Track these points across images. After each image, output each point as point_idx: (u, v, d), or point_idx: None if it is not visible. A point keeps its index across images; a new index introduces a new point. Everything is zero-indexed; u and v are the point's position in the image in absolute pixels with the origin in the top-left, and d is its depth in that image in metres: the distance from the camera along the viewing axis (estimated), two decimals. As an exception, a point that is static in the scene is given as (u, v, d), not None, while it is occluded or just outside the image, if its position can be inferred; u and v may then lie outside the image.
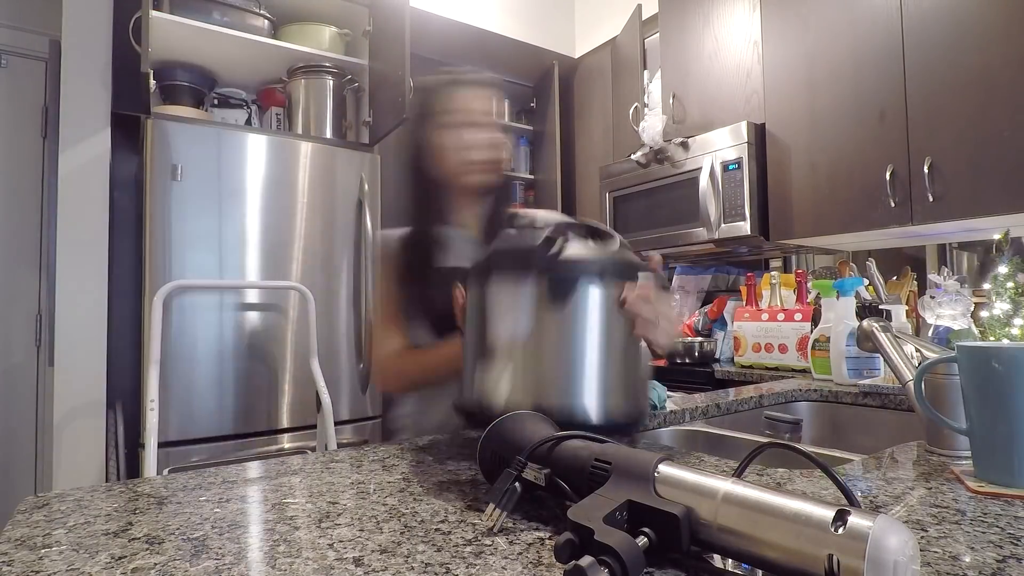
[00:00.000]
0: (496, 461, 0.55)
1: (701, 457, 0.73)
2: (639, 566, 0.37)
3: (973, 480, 0.60)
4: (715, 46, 2.27)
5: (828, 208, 1.88)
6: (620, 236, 0.74)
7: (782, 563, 0.37)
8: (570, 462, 0.49)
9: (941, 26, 1.62)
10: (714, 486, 0.41)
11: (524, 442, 0.53)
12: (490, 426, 0.56)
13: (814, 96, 1.93)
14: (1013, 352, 0.56)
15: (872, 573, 0.32)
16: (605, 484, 0.44)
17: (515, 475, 0.50)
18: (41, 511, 0.56)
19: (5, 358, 2.35)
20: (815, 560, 0.34)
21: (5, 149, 2.38)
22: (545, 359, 0.66)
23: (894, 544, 0.33)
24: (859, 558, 0.33)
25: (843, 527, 0.34)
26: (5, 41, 2.39)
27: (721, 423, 1.17)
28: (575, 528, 0.40)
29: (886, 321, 0.91)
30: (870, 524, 0.34)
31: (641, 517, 0.41)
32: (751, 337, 1.94)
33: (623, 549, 0.37)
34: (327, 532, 0.49)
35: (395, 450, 0.79)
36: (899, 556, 0.32)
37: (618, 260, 0.69)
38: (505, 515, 0.49)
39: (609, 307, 0.67)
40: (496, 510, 0.49)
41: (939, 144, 1.62)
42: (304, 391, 2.03)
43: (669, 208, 2.29)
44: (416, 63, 2.82)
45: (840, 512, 0.35)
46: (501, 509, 0.48)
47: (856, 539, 0.33)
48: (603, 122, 2.94)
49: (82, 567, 0.43)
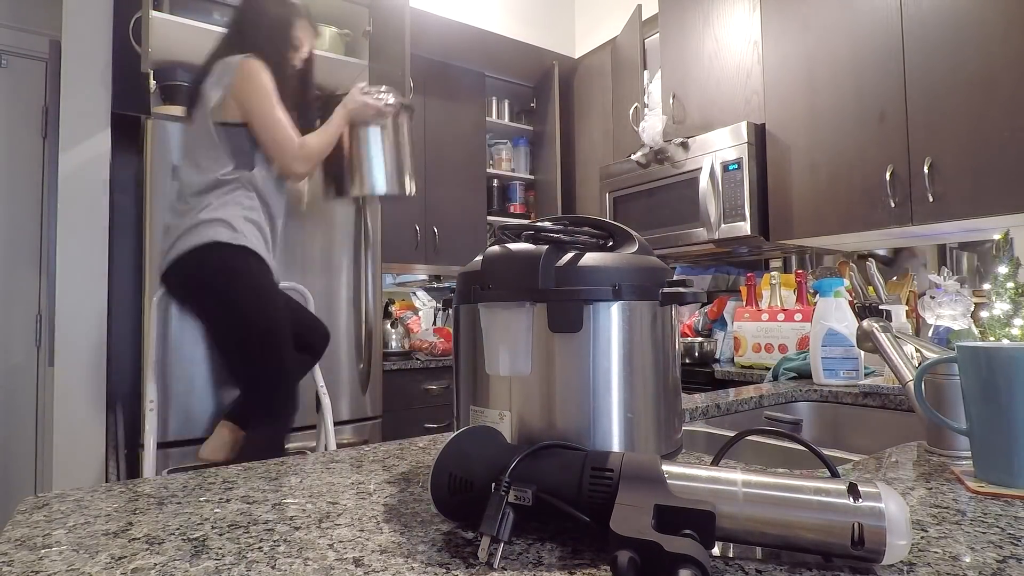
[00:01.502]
0: (457, 486, 0.47)
1: (700, 457, 0.73)
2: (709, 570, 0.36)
3: (973, 480, 0.59)
4: (715, 46, 2.27)
5: (828, 208, 1.88)
6: (639, 235, 0.63)
7: (811, 540, 0.39)
8: (558, 475, 0.45)
9: (941, 27, 1.62)
10: (731, 478, 0.42)
11: (489, 461, 0.47)
12: (445, 445, 0.49)
13: (814, 96, 1.93)
14: (1013, 352, 0.56)
15: (892, 531, 0.38)
16: (619, 492, 0.42)
17: (505, 498, 0.44)
18: (41, 511, 0.56)
19: (5, 358, 2.35)
20: (843, 530, 0.38)
21: (5, 149, 2.38)
22: (556, 398, 0.55)
23: (899, 504, 0.39)
24: (881, 520, 0.38)
25: (860, 498, 0.39)
26: (5, 41, 2.39)
27: (721, 423, 1.17)
28: (623, 542, 0.37)
29: (886, 321, 0.91)
30: (878, 491, 0.39)
31: (669, 519, 0.40)
32: (751, 337, 1.94)
33: (701, 556, 0.36)
34: (327, 532, 0.49)
35: (395, 450, 0.79)
36: (905, 513, 0.39)
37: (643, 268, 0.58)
38: (502, 546, 0.43)
39: (634, 329, 0.55)
40: (491, 542, 0.42)
41: (939, 144, 1.62)
42: (304, 391, 2.02)
43: (669, 208, 2.29)
44: (416, 63, 2.83)
45: (851, 485, 0.40)
46: (499, 541, 0.42)
47: (875, 506, 0.39)
48: (603, 122, 2.94)
49: (82, 567, 0.43)
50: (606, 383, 0.54)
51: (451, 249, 2.90)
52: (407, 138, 1.79)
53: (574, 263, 0.55)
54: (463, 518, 0.50)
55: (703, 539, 0.39)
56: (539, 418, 0.55)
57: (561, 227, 0.59)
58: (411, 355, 2.68)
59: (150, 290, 1.82)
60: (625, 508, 0.40)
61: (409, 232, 2.79)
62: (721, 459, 0.49)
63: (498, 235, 0.62)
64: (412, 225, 2.80)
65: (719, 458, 0.51)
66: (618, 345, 0.55)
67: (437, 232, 2.86)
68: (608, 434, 0.54)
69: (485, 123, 3.10)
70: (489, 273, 0.58)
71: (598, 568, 0.42)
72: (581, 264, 0.55)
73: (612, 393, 0.54)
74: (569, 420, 0.54)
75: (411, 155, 1.81)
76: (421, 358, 2.60)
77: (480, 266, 0.59)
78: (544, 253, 0.55)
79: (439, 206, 2.89)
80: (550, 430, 0.54)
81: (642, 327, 0.56)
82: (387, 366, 2.39)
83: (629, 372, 0.55)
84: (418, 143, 2.85)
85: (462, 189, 2.98)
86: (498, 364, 0.57)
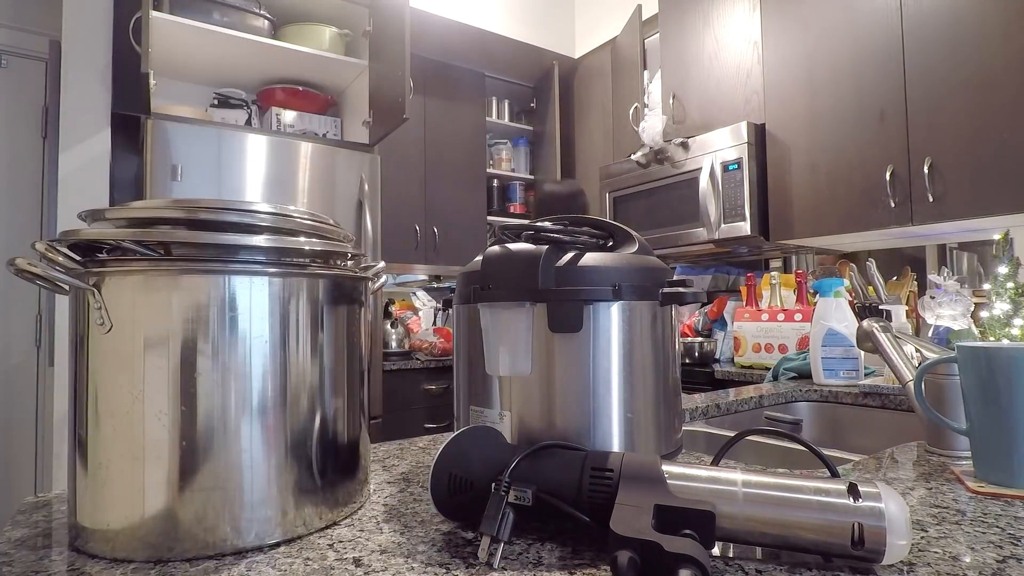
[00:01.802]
0: (457, 486, 0.48)
1: (700, 457, 0.73)
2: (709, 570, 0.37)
3: (973, 480, 0.59)
4: (715, 46, 2.27)
5: (828, 208, 1.88)
6: (639, 235, 0.62)
7: (811, 540, 0.39)
8: (558, 475, 0.45)
9: (941, 26, 1.62)
10: (731, 478, 0.42)
11: (488, 461, 0.48)
12: (445, 445, 0.49)
13: (814, 96, 1.93)
14: (1013, 352, 0.56)
15: (892, 531, 0.38)
16: (619, 492, 0.42)
17: (504, 498, 0.44)
18: (41, 511, 0.56)
19: (5, 358, 2.35)
20: (842, 530, 0.39)
21: (5, 149, 2.38)
22: (556, 398, 0.54)
23: (899, 504, 0.39)
24: (881, 520, 0.38)
25: (860, 498, 0.39)
26: (5, 41, 2.39)
27: (721, 423, 1.17)
28: (623, 542, 0.37)
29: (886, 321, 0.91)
30: (878, 491, 0.39)
31: (669, 519, 0.40)
32: (751, 337, 1.94)
33: (701, 556, 0.36)
34: (327, 532, 0.49)
35: (395, 450, 0.79)
36: (905, 513, 0.39)
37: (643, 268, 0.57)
38: (503, 546, 0.43)
39: (634, 329, 0.55)
40: (491, 542, 0.42)
41: (939, 144, 1.62)
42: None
43: (669, 208, 2.29)
44: (416, 63, 2.83)
45: (851, 485, 0.40)
46: (499, 541, 0.42)
47: (875, 506, 0.39)
48: (603, 122, 2.94)
49: (82, 567, 0.43)
50: (606, 383, 0.54)
51: (451, 249, 2.90)
52: None
53: (574, 263, 0.55)
54: (463, 518, 0.50)
55: (703, 539, 0.39)
56: (539, 418, 0.55)
57: (561, 227, 0.59)
58: (411, 355, 2.68)
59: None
60: (625, 508, 0.41)
61: (409, 232, 2.79)
62: (721, 459, 0.49)
63: (498, 235, 0.62)
64: (412, 225, 2.80)
65: (719, 458, 0.51)
66: (618, 345, 0.55)
67: (437, 232, 2.86)
68: (608, 434, 0.54)
69: (485, 123, 3.10)
70: (489, 273, 0.58)
71: (598, 568, 0.42)
72: (581, 264, 0.55)
73: (612, 393, 0.54)
74: (569, 420, 0.54)
75: None
76: (421, 358, 2.60)
77: (480, 266, 0.59)
78: (544, 253, 0.55)
79: (439, 206, 2.89)
80: (550, 430, 0.54)
81: (642, 327, 0.56)
82: (387, 366, 2.39)
83: (629, 372, 0.55)
84: (418, 143, 2.85)
85: (462, 189, 2.98)
86: (498, 364, 0.57)
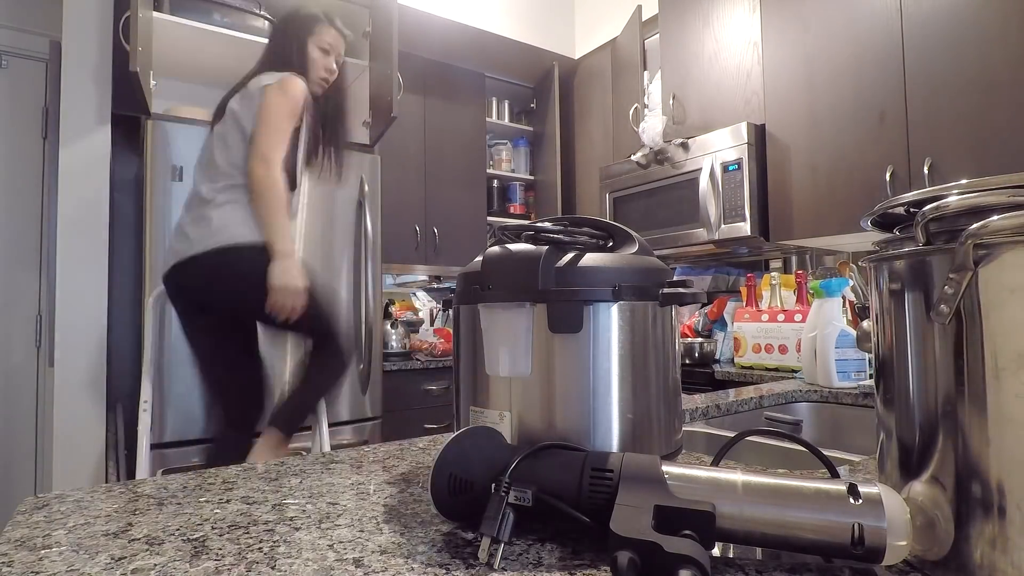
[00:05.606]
0: (458, 486, 0.48)
1: (700, 457, 0.73)
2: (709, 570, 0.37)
3: (973, 481, 0.59)
4: (715, 47, 2.27)
5: (828, 209, 1.88)
6: (639, 236, 0.62)
7: (811, 541, 0.39)
8: (558, 476, 0.45)
9: (941, 26, 1.62)
10: (730, 479, 0.42)
11: (489, 461, 0.48)
12: (445, 445, 0.49)
13: (814, 97, 1.93)
14: (1013, 353, 0.56)
15: (892, 531, 0.38)
16: (619, 493, 0.42)
17: (505, 499, 0.44)
18: (41, 512, 0.56)
19: (5, 358, 2.35)
20: (842, 531, 0.38)
21: (5, 149, 2.38)
22: (556, 399, 0.54)
23: (899, 504, 0.39)
24: (881, 521, 0.38)
25: (860, 499, 0.39)
26: (5, 42, 2.39)
27: (721, 424, 1.17)
28: (623, 542, 0.37)
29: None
30: (878, 491, 0.39)
31: (669, 520, 0.40)
32: (751, 338, 1.94)
33: (701, 556, 0.36)
34: (327, 533, 0.49)
35: (395, 450, 0.79)
36: (905, 513, 0.39)
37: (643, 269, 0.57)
38: (503, 547, 0.43)
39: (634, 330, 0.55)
40: (491, 543, 0.42)
41: (939, 144, 1.62)
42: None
43: (669, 209, 2.29)
44: (417, 64, 2.83)
45: (851, 486, 0.40)
46: (499, 541, 0.42)
47: (875, 506, 0.39)
48: (603, 123, 2.94)
49: (82, 568, 0.43)
50: (606, 384, 0.54)
51: (451, 249, 2.90)
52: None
53: (574, 264, 0.55)
54: (463, 519, 0.50)
55: (703, 539, 0.39)
56: (539, 419, 0.54)
57: (561, 227, 0.59)
58: (411, 355, 2.68)
59: (150, 291, 1.82)
60: (625, 508, 0.41)
61: (409, 232, 2.79)
62: (721, 460, 0.49)
63: (498, 235, 0.62)
64: (412, 225, 2.80)
65: (719, 459, 0.51)
66: (618, 346, 0.54)
67: (437, 232, 2.86)
68: (608, 435, 0.54)
69: (485, 123, 3.10)
70: (489, 274, 0.57)
71: (598, 569, 0.42)
72: (581, 265, 0.55)
73: (612, 394, 0.54)
74: (569, 421, 0.54)
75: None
76: (421, 358, 2.60)
77: (480, 266, 0.59)
78: (544, 254, 0.55)
79: (439, 206, 2.89)
80: (550, 431, 0.54)
81: (642, 328, 0.56)
82: (387, 366, 2.39)
83: (629, 373, 0.55)
84: (418, 143, 2.85)
85: (462, 190, 2.98)
86: (498, 364, 0.57)
